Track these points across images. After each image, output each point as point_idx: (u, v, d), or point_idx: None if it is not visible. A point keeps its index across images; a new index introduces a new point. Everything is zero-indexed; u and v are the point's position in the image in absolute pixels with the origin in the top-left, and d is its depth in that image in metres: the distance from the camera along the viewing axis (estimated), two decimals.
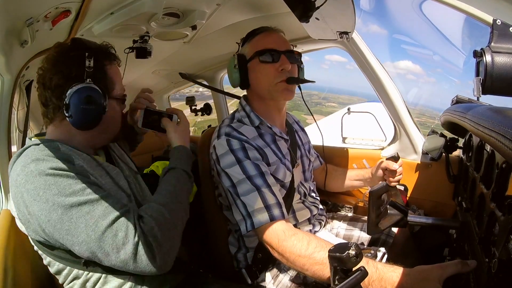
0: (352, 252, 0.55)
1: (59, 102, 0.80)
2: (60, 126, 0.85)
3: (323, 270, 0.82)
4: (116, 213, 0.73)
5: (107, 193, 0.77)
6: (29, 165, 0.72)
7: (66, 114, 0.79)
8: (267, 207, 0.96)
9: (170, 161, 0.95)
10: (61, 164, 0.74)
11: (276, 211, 0.96)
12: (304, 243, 0.87)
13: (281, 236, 0.91)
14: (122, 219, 0.73)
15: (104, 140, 0.94)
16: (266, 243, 0.96)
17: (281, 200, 1.00)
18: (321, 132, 1.35)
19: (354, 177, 1.39)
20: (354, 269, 0.58)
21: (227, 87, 2.28)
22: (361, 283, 0.57)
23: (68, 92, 0.78)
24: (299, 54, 1.16)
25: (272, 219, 0.94)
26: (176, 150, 0.97)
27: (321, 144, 1.40)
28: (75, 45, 0.86)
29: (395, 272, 0.75)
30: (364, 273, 0.57)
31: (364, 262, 0.66)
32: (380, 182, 1.15)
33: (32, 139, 0.84)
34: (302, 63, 1.17)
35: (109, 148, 0.99)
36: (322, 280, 0.85)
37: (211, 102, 2.37)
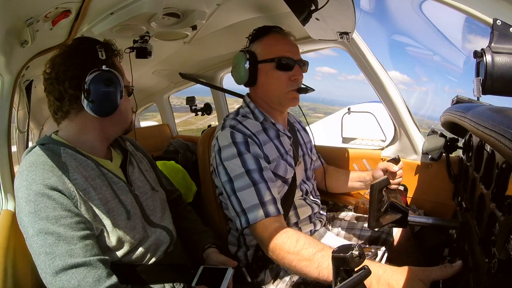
0: (355, 252, 0.55)
1: (76, 92, 0.82)
2: (75, 119, 0.86)
3: (309, 266, 0.84)
4: (78, 260, 0.70)
5: (85, 233, 0.74)
6: (22, 173, 0.75)
7: (87, 100, 0.81)
8: (263, 204, 0.97)
9: None
10: (50, 180, 0.74)
11: (271, 208, 0.97)
12: (293, 240, 0.89)
13: (272, 234, 0.93)
14: (82, 269, 0.70)
15: (117, 131, 0.95)
16: (259, 240, 0.98)
17: (277, 196, 1.02)
18: (313, 136, 1.42)
19: (356, 179, 1.39)
20: (357, 269, 0.58)
21: (227, 86, 2.28)
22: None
23: (87, 78, 0.80)
24: (307, 63, 1.17)
25: (267, 215, 0.96)
26: None
27: (323, 145, 1.41)
28: (84, 40, 0.89)
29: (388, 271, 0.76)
30: (367, 272, 0.57)
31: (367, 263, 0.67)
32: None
33: (52, 135, 0.87)
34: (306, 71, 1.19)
35: (130, 155, 0.99)
36: (308, 277, 0.87)
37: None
